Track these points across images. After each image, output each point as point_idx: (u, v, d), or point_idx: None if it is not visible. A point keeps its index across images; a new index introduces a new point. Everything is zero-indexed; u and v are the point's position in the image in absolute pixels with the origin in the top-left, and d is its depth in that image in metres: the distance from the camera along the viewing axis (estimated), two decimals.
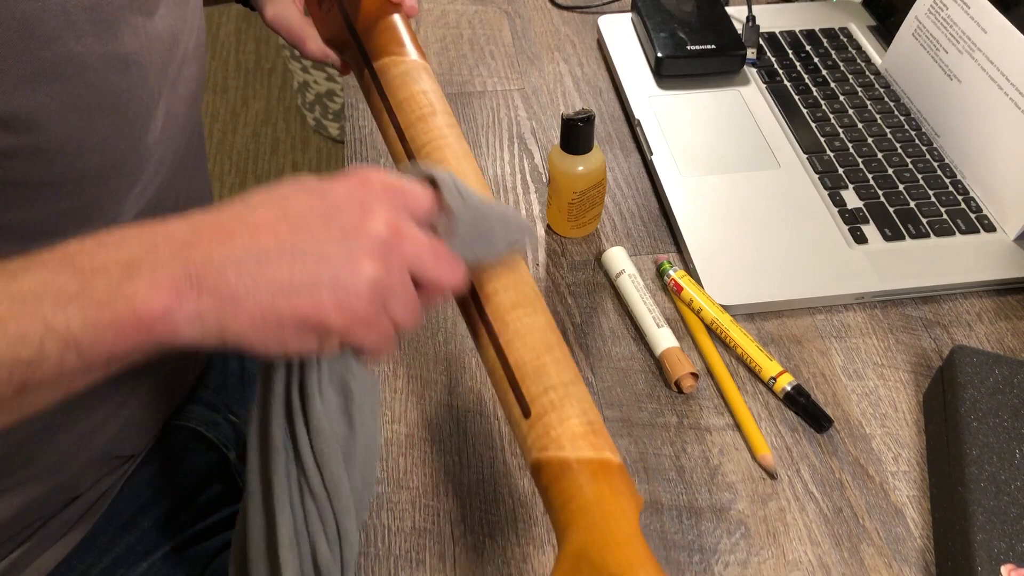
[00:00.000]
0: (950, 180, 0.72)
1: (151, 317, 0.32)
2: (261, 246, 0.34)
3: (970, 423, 0.52)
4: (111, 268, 0.33)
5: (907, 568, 0.51)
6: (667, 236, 0.70)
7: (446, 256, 0.39)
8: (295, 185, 0.37)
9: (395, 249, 0.36)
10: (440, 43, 0.88)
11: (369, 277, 0.35)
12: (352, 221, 0.36)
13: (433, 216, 0.40)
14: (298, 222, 0.35)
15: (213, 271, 0.33)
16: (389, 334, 0.38)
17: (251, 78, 2.12)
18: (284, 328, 0.34)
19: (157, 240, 0.34)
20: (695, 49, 0.80)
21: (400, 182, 0.39)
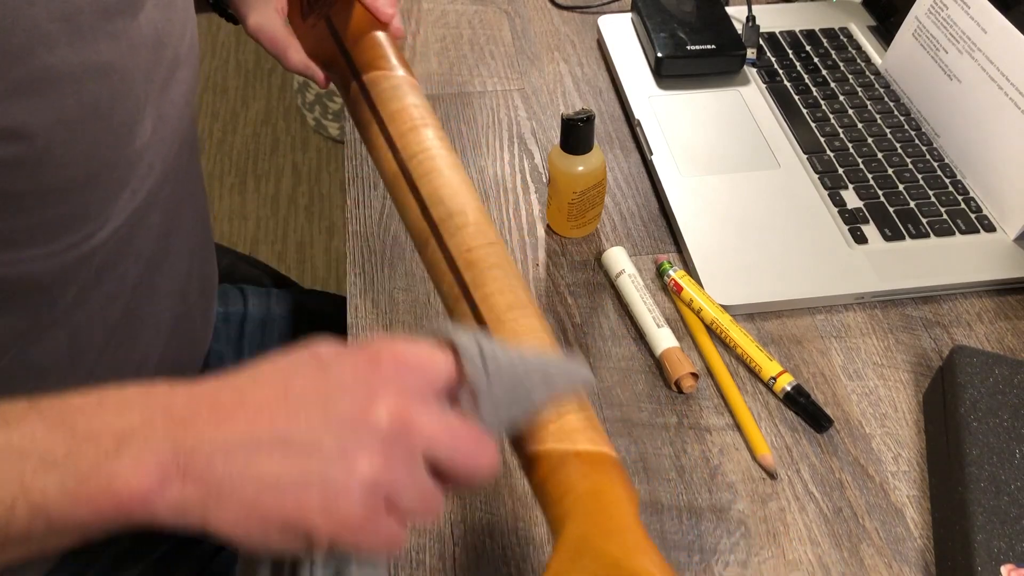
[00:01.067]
0: (950, 180, 0.72)
1: (129, 499, 0.31)
2: (254, 434, 0.32)
3: (970, 423, 0.52)
4: (103, 437, 0.32)
5: (907, 568, 0.51)
6: (667, 236, 0.70)
7: (468, 437, 0.35)
8: (307, 355, 0.35)
9: (400, 441, 0.33)
10: (440, 43, 0.88)
11: (364, 476, 0.32)
12: (353, 409, 0.33)
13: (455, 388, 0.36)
14: (297, 405, 0.33)
15: (202, 458, 0.32)
16: (394, 534, 0.34)
17: (251, 78, 2.12)
18: (267, 527, 0.32)
19: (155, 413, 0.32)
20: (695, 49, 0.80)
21: (416, 356, 0.35)
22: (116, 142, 0.46)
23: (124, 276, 0.54)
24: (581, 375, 0.39)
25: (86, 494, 0.31)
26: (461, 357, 0.35)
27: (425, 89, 0.83)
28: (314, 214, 1.83)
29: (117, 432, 0.32)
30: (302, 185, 1.88)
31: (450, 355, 0.36)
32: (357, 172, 0.74)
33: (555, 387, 0.38)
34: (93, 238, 0.49)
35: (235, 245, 1.75)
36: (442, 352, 0.35)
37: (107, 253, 0.51)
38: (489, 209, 0.72)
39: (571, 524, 0.36)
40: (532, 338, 0.41)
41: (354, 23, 0.56)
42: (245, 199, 1.86)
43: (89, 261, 0.50)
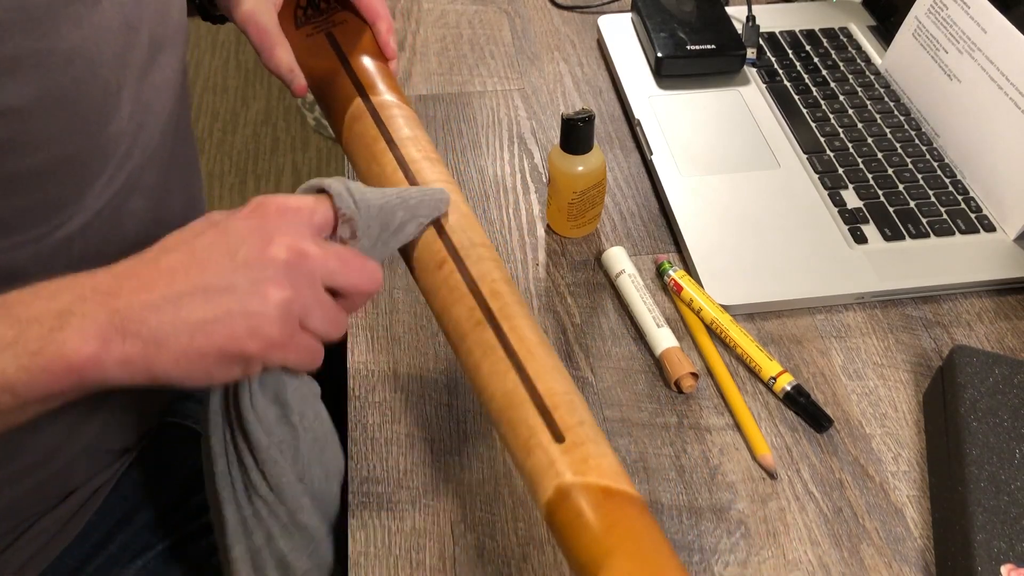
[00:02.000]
0: (950, 180, 0.72)
1: (80, 363, 0.36)
2: (175, 289, 0.38)
3: (970, 423, 0.52)
4: (44, 317, 0.36)
5: (907, 568, 0.51)
6: (667, 236, 0.70)
7: (355, 261, 0.41)
8: (202, 223, 0.40)
9: (300, 269, 0.39)
10: (440, 43, 0.88)
11: (277, 301, 0.38)
12: (253, 251, 0.39)
13: (334, 226, 0.42)
14: (205, 260, 0.38)
15: (135, 318, 0.37)
16: (312, 348, 0.41)
17: (251, 78, 2.12)
18: (207, 362, 0.38)
19: (85, 292, 0.37)
20: (695, 49, 0.80)
21: (295, 202, 0.41)
22: (87, 128, 0.46)
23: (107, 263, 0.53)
24: (439, 197, 0.46)
25: (41, 365, 0.36)
26: (334, 198, 0.42)
27: (425, 89, 0.83)
28: None
29: (56, 312, 0.36)
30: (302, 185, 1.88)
31: (325, 199, 0.42)
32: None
33: (419, 212, 0.45)
34: (68, 225, 0.48)
35: None
36: (317, 198, 0.42)
37: (87, 240, 0.50)
38: (489, 209, 0.72)
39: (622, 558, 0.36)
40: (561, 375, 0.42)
41: (360, 48, 0.57)
42: (245, 199, 1.85)
43: (68, 248, 0.49)
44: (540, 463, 0.39)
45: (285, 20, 0.60)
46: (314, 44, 0.59)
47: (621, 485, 0.39)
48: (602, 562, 0.36)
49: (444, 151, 0.77)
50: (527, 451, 0.40)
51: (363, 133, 0.53)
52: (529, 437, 0.40)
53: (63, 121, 0.44)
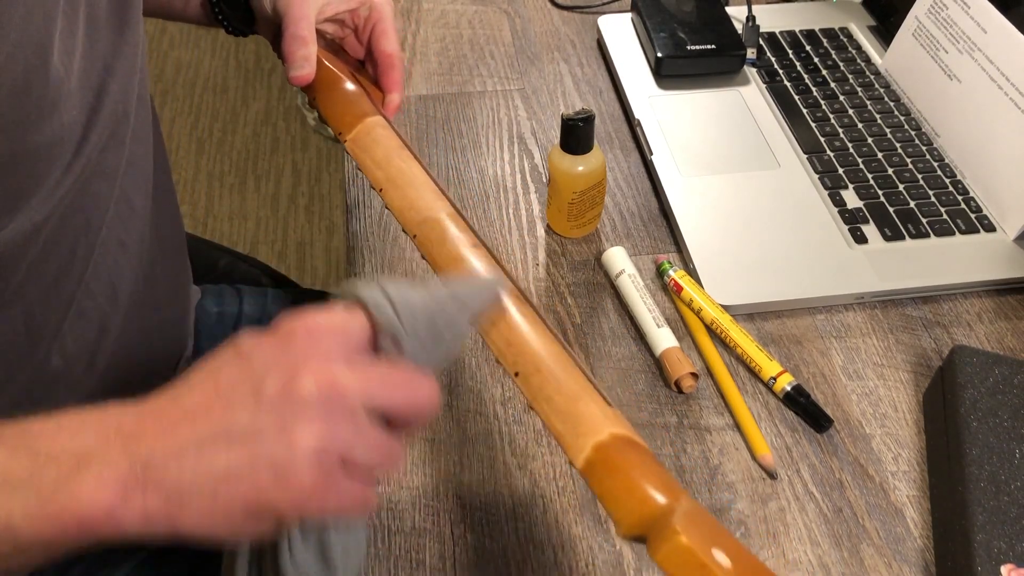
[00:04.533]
0: (950, 180, 0.72)
1: (94, 516, 0.33)
2: (198, 434, 0.34)
3: (970, 423, 0.52)
4: (63, 457, 0.33)
5: (907, 568, 0.51)
6: (667, 236, 0.70)
7: (400, 378, 0.36)
8: (230, 352, 0.36)
9: (333, 401, 0.34)
10: (440, 43, 0.88)
11: (308, 445, 0.33)
12: (278, 387, 0.34)
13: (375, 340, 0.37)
14: (230, 398, 0.34)
15: (157, 467, 0.33)
16: (358, 492, 0.35)
17: (251, 78, 2.12)
18: (232, 519, 0.34)
19: (109, 432, 0.34)
20: (695, 49, 0.80)
21: (325, 321, 0.36)
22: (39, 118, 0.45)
23: (74, 248, 0.52)
24: (491, 289, 0.42)
25: (50, 513, 0.32)
26: (371, 309, 0.37)
27: (425, 89, 0.83)
28: (314, 214, 1.83)
29: (75, 453, 0.33)
30: (302, 185, 1.88)
31: (359, 312, 0.37)
32: (357, 172, 0.74)
33: (472, 309, 0.40)
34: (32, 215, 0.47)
35: (235, 245, 1.75)
36: (351, 311, 0.37)
37: (54, 227, 0.50)
38: (489, 209, 0.72)
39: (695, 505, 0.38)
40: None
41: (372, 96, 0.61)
42: (245, 199, 1.86)
43: (36, 237, 0.48)
44: (592, 411, 0.40)
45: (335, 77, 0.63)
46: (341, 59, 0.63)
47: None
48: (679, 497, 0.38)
49: (444, 151, 0.77)
50: (575, 399, 0.40)
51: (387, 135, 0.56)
52: (580, 391, 0.41)
53: (17, 110, 0.43)
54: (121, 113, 0.54)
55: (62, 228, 0.51)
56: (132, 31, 0.54)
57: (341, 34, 0.65)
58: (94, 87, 0.50)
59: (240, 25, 0.67)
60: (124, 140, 0.55)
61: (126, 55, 0.53)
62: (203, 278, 0.79)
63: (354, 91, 0.60)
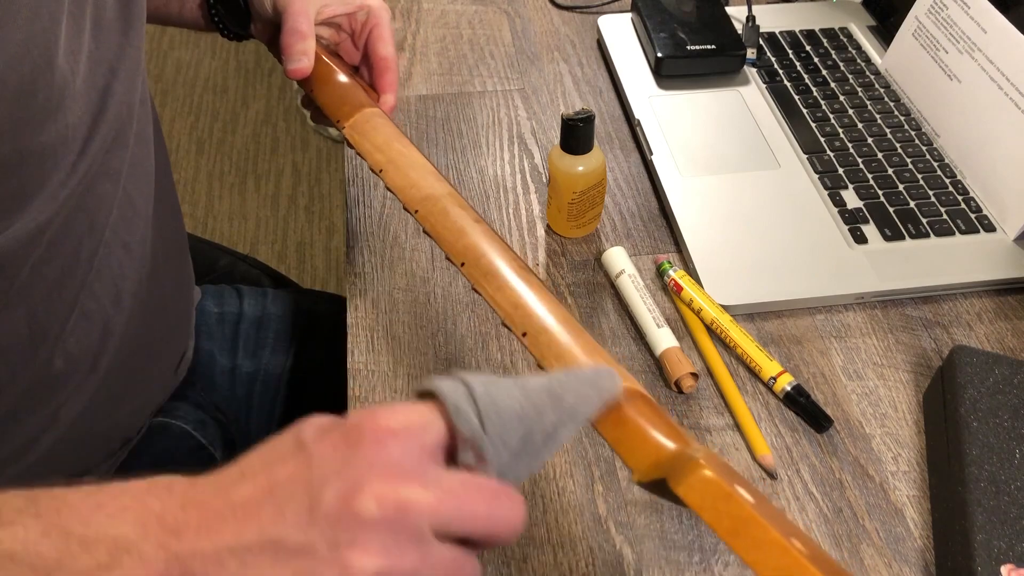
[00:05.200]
0: (950, 180, 0.72)
1: None
2: (243, 539, 0.31)
3: (970, 423, 0.52)
4: (97, 547, 0.31)
5: (907, 568, 0.51)
6: (667, 236, 0.70)
7: (478, 495, 0.32)
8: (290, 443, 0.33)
9: (398, 525, 0.30)
10: (440, 43, 0.88)
11: (363, 573, 0.30)
12: (337, 502, 0.30)
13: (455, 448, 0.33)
14: (282, 503, 0.31)
15: (195, 570, 0.31)
16: None
17: (251, 78, 2.12)
18: None
19: (149, 522, 0.32)
20: (695, 49, 0.80)
21: (399, 422, 0.32)
22: (45, 118, 0.45)
23: (78, 249, 0.52)
24: (603, 385, 0.36)
25: None
26: (451, 414, 0.32)
27: (425, 89, 0.83)
28: (314, 214, 1.83)
29: (111, 542, 0.31)
30: (302, 185, 1.88)
31: (438, 412, 0.33)
32: (357, 172, 0.74)
33: (577, 411, 0.35)
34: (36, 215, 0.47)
35: (235, 245, 1.75)
36: (429, 411, 0.33)
37: (58, 227, 0.50)
38: (489, 209, 0.72)
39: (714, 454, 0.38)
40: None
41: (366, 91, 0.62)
42: (245, 199, 1.86)
43: (40, 237, 0.49)
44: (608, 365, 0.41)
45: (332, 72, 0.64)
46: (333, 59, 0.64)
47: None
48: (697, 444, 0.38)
49: (444, 151, 0.77)
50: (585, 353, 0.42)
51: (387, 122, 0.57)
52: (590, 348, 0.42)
53: (23, 110, 0.43)
54: (125, 114, 0.54)
55: (66, 229, 0.51)
56: (136, 32, 0.54)
57: (337, 39, 0.65)
58: (99, 88, 0.50)
59: (236, 28, 0.67)
60: (128, 141, 0.55)
61: (130, 56, 0.53)
62: (203, 278, 0.79)
63: (351, 83, 0.60)
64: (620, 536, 0.53)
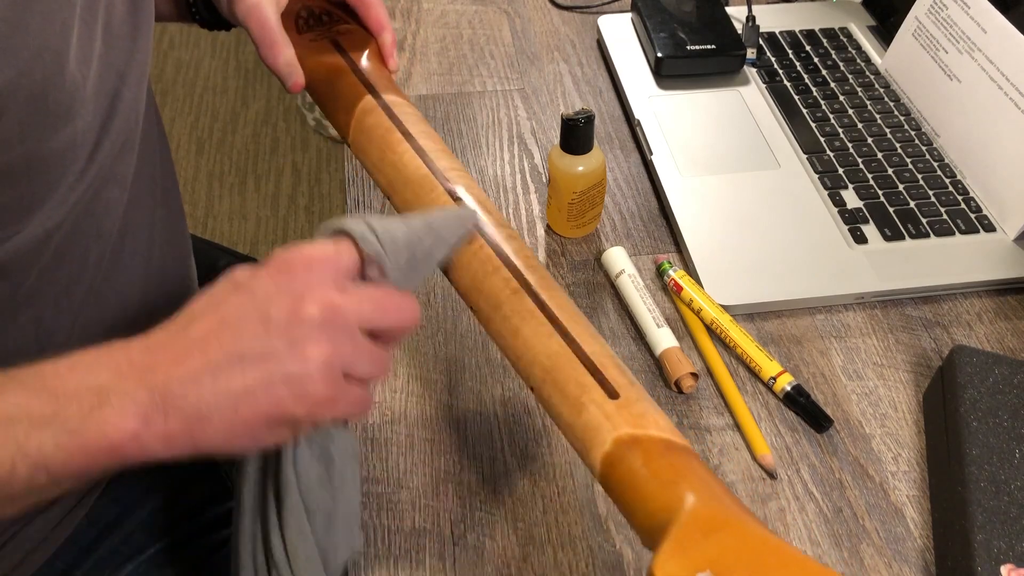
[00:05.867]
0: (950, 180, 0.72)
1: (121, 442, 0.35)
2: (211, 360, 0.37)
3: (970, 423, 0.52)
4: (82, 393, 0.36)
5: (907, 568, 0.51)
6: (667, 236, 0.70)
7: (389, 300, 0.41)
8: (226, 286, 0.39)
9: (335, 323, 0.38)
10: (440, 43, 0.88)
11: (318, 360, 0.37)
12: (285, 312, 0.38)
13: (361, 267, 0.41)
14: (237, 325, 0.38)
15: (175, 393, 0.36)
16: (360, 397, 0.40)
17: (251, 78, 2.12)
18: (253, 430, 0.37)
19: (122, 366, 0.37)
20: (695, 49, 0.80)
21: (318, 252, 0.40)
22: (56, 123, 0.45)
23: (86, 255, 0.53)
24: (466, 219, 0.46)
25: (80, 444, 0.35)
26: (357, 240, 0.41)
27: (425, 89, 0.83)
28: (314, 214, 1.83)
29: (94, 388, 0.36)
30: (302, 185, 1.88)
31: (347, 243, 0.41)
32: (357, 172, 0.74)
33: (447, 238, 0.45)
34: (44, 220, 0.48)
35: (235, 245, 1.75)
36: (340, 242, 0.41)
37: (66, 233, 0.50)
38: None
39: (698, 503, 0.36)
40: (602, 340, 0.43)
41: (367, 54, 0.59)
42: (245, 199, 1.86)
43: (47, 242, 0.49)
44: (595, 418, 0.40)
45: (286, 25, 0.60)
46: (317, 46, 0.59)
47: (680, 440, 0.40)
48: (677, 505, 0.36)
49: None
50: (578, 408, 0.40)
51: (376, 124, 0.54)
52: (581, 395, 0.41)
53: (34, 116, 0.43)
54: (133, 121, 0.54)
55: (74, 235, 0.51)
56: (143, 39, 0.54)
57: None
58: (108, 94, 0.50)
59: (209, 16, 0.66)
60: (135, 147, 0.56)
61: (138, 62, 0.54)
62: (203, 278, 0.79)
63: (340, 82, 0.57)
64: (620, 536, 0.53)
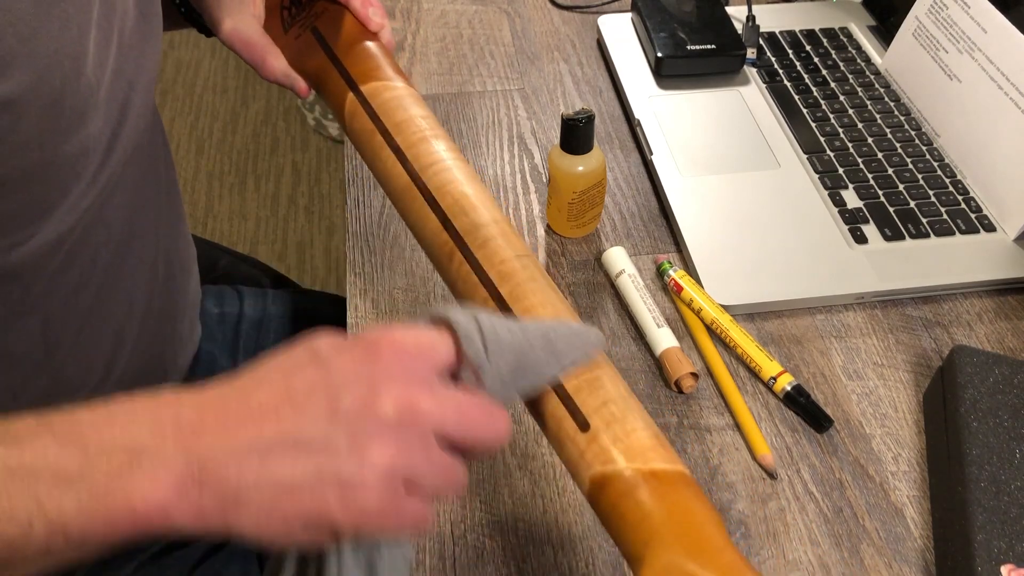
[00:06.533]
0: (950, 180, 0.72)
1: (147, 512, 0.32)
2: (263, 438, 0.33)
3: (970, 423, 0.52)
4: (115, 452, 0.32)
5: (907, 568, 0.51)
6: (667, 236, 0.70)
7: (477, 412, 0.36)
8: (304, 355, 0.35)
9: (409, 426, 0.34)
10: (440, 43, 0.88)
11: (379, 467, 0.33)
12: (357, 404, 0.33)
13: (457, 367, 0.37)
14: (302, 404, 0.34)
15: (215, 466, 0.32)
16: (418, 514, 0.35)
17: (251, 78, 2.12)
18: (289, 527, 0.33)
19: (165, 426, 0.33)
20: (695, 49, 0.80)
21: (413, 340, 0.36)
22: (71, 128, 0.45)
23: (95, 259, 0.53)
24: (590, 341, 0.40)
25: (103, 509, 0.31)
26: (461, 339, 0.36)
27: (425, 89, 0.83)
28: (314, 214, 1.83)
29: (129, 447, 0.32)
30: (302, 185, 1.88)
31: (447, 337, 0.37)
32: (357, 172, 0.74)
33: (563, 356, 0.39)
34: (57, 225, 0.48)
35: (235, 245, 1.75)
36: (440, 335, 0.36)
37: (77, 237, 0.50)
38: None
39: (658, 548, 0.35)
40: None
41: (345, 33, 0.55)
42: (245, 199, 1.86)
43: (59, 247, 0.49)
44: (572, 456, 0.38)
45: (274, 27, 0.59)
46: (303, 44, 0.58)
47: (652, 463, 0.37)
48: (640, 553, 0.35)
49: None
50: (559, 444, 0.39)
51: (362, 129, 0.52)
52: (558, 430, 0.39)
53: (51, 121, 0.44)
54: (143, 128, 0.55)
55: (84, 240, 0.51)
56: (153, 46, 0.55)
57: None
58: (120, 100, 0.51)
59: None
60: (144, 153, 0.56)
61: (147, 70, 0.54)
62: (203, 278, 0.79)
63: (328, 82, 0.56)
64: None
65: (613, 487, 0.37)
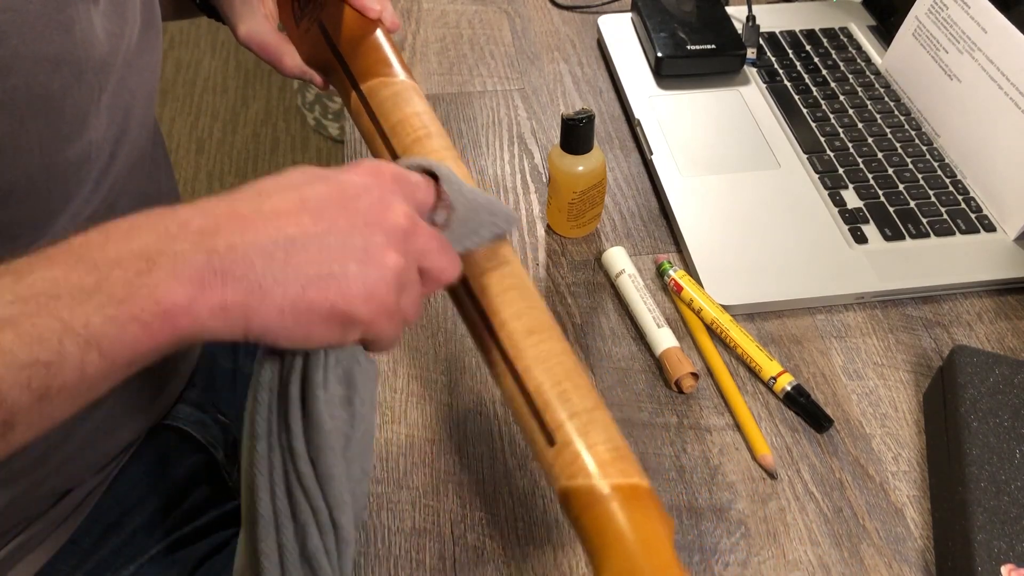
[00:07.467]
0: (950, 180, 0.72)
1: (175, 310, 0.31)
2: (286, 234, 0.34)
3: (970, 423, 0.52)
4: (127, 260, 0.31)
5: (907, 568, 0.51)
6: (667, 236, 0.70)
7: (447, 246, 0.39)
8: (306, 174, 0.37)
9: (412, 241, 0.37)
10: (440, 43, 0.88)
11: (394, 268, 0.36)
12: (373, 212, 0.36)
13: (433, 209, 0.41)
14: (320, 211, 0.35)
15: (239, 260, 0.32)
16: (402, 324, 0.38)
17: (251, 78, 2.12)
18: (312, 320, 0.34)
19: (170, 228, 0.32)
20: (695, 49, 0.80)
21: (406, 173, 0.39)
22: (71, 134, 0.45)
23: None
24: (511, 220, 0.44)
25: (130, 313, 0.30)
26: (442, 181, 0.41)
27: (425, 89, 0.83)
28: None
29: (138, 253, 0.31)
30: None
31: (430, 180, 0.40)
32: None
33: (497, 220, 0.43)
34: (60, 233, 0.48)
35: None
36: (424, 176, 0.40)
37: None
38: None
39: (608, 563, 0.36)
40: (555, 362, 0.41)
41: (346, 26, 0.55)
42: None
43: None
44: (545, 467, 0.40)
45: (288, 19, 0.60)
46: (311, 38, 0.58)
47: (610, 478, 0.38)
48: (598, 566, 0.37)
49: None
50: (536, 455, 0.41)
51: (366, 129, 0.52)
52: (532, 443, 0.40)
53: (52, 126, 0.44)
54: (145, 136, 0.55)
55: None
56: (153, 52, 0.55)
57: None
58: (122, 108, 0.51)
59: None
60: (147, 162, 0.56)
61: (147, 80, 0.54)
62: None
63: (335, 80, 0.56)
64: None
65: (575, 502, 0.38)
